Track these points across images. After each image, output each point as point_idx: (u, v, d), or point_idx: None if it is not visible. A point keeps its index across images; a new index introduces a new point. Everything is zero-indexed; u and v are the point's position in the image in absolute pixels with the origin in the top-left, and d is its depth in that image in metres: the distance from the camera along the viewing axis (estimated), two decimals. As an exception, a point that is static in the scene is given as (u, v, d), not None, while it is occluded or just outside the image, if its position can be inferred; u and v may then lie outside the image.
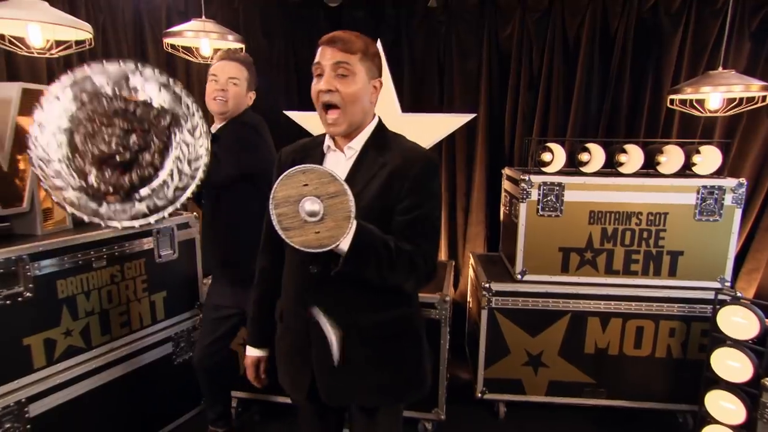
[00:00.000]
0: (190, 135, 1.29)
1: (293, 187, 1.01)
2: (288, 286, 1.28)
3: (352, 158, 1.21)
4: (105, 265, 1.92)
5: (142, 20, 2.94)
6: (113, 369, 1.97)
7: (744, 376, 1.94)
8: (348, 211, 1.00)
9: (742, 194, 2.19)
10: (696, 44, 2.73)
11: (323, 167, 1.02)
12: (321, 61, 1.13)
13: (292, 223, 1.01)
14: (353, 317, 1.20)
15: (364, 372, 1.23)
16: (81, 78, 1.28)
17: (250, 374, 1.41)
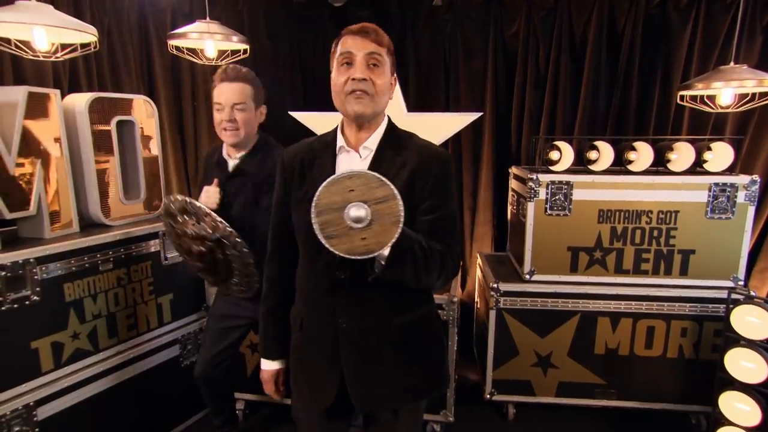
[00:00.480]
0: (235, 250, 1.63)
1: (338, 193, 0.98)
2: (309, 293, 1.24)
3: (367, 158, 1.18)
4: (112, 267, 1.92)
5: (147, 22, 2.94)
6: (121, 372, 1.98)
7: (759, 377, 1.91)
8: (397, 215, 0.97)
9: (755, 191, 2.15)
10: (706, 39, 2.69)
11: (370, 171, 0.99)
12: (353, 50, 1.11)
13: (336, 230, 0.98)
14: (382, 320, 1.19)
15: (394, 374, 1.22)
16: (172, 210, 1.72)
17: (270, 388, 1.37)
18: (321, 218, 0.98)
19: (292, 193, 1.23)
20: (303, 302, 1.27)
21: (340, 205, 0.97)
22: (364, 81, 1.11)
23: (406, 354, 1.22)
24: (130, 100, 2.11)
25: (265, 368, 1.36)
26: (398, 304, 1.20)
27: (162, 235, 2.11)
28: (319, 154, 1.22)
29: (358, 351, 1.18)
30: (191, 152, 3.17)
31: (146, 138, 2.19)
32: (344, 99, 1.13)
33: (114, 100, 2.02)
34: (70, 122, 1.90)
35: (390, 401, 1.25)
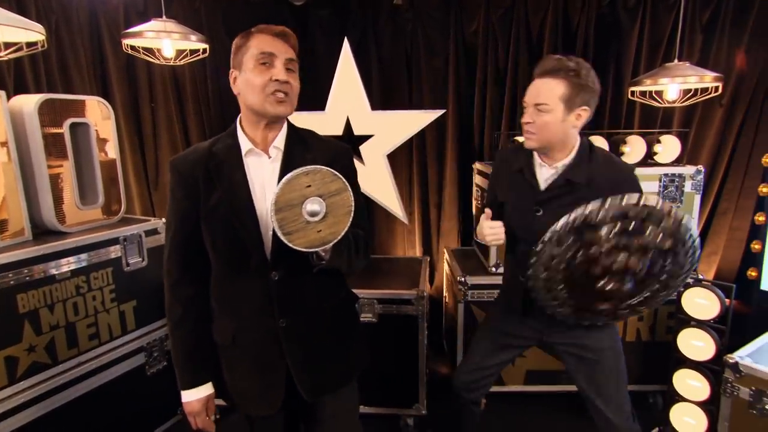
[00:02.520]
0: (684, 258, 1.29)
1: (296, 189, 1.02)
2: (237, 304, 1.22)
3: (277, 158, 1.20)
4: (69, 276, 1.85)
5: (98, 21, 2.83)
6: (82, 383, 1.90)
7: (707, 355, 2.03)
8: (349, 206, 1.05)
9: (701, 181, 2.29)
10: (652, 38, 2.83)
11: (325, 167, 1.04)
12: (274, 52, 1.13)
13: (294, 226, 1.02)
14: (316, 310, 1.24)
15: (334, 358, 1.29)
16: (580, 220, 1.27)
17: (202, 420, 1.26)
18: (279, 215, 1.01)
19: (201, 206, 1.17)
20: (229, 315, 1.23)
21: (298, 201, 1.01)
22: (286, 83, 1.14)
23: (338, 337, 1.31)
24: (83, 101, 2.02)
25: (194, 398, 1.24)
26: (326, 292, 1.27)
27: (123, 240, 2.04)
28: (224, 159, 1.18)
29: (300, 345, 1.22)
30: (150, 155, 3.08)
31: (102, 141, 2.11)
32: (264, 99, 1.13)
33: (66, 102, 1.94)
34: (18, 125, 1.81)
35: (335, 385, 1.31)
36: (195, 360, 1.25)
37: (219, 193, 1.16)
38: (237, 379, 1.27)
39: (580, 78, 1.37)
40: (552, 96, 1.38)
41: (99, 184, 2.08)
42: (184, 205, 1.19)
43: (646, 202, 1.24)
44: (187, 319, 1.23)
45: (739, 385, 1.70)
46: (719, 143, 2.91)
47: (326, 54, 2.87)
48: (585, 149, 1.47)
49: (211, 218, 1.17)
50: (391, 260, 2.87)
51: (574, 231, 1.27)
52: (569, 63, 1.37)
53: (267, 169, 1.19)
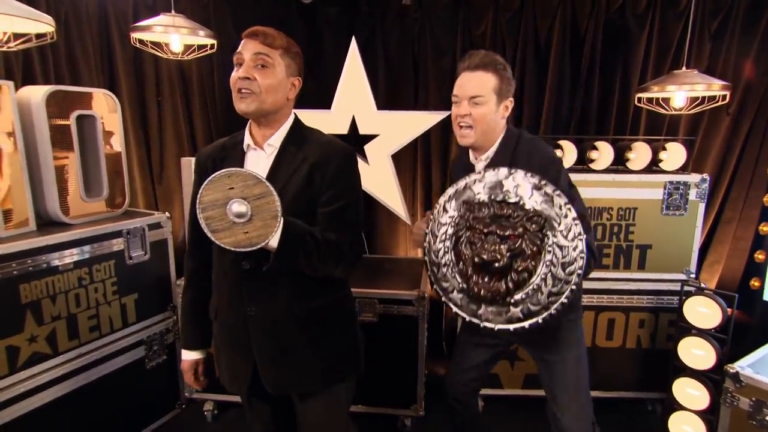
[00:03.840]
0: (563, 237, 1.20)
1: (219, 190, 1.05)
2: (221, 284, 1.31)
3: (272, 155, 1.25)
4: (72, 267, 1.85)
5: (107, 14, 2.84)
6: (83, 375, 1.91)
7: (708, 364, 2.03)
8: (275, 210, 1.05)
9: (705, 189, 2.28)
10: (661, 44, 2.82)
11: (247, 170, 1.07)
12: (242, 51, 1.19)
13: (220, 225, 1.06)
14: (289, 307, 1.25)
15: (304, 359, 1.28)
16: (462, 187, 1.29)
17: (189, 378, 1.43)
18: (205, 214, 1.06)
19: None
20: (217, 293, 1.34)
21: (223, 202, 1.04)
22: (248, 80, 1.16)
23: (315, 339, 1.29)
24: (90, 93, 2.03)
25: (185, 358, 1.42)
26: (304, 291, 1.26)
27: (126, 233, 2.04)
28: (229, 152, 1.29)
29: (266, 337, 1.26)
30: (155, 149, 3.08)
31: (108, 134, 2.12)
32: (235, 97, 1.19)
33: (73, 94, 1.94)
34: (26, 116, 1.82)
35: (299, 385, 1.31)
36: (189, 326, 1.42)
37: None
38: (219, 353, 1.39)
39: (506, 71, 1.45)
40: (486, 88, 1.42)
41: (104, 177, 2.08)
42: (195, 191, 1.26)
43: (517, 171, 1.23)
44: (188, 290, 1.41)
45: (739, 395, 1.69)
46: (725, 152, 2.90)
47: (333, 53, 2.88)
48: (511, 137, 1.49)
49: None
50: (393, 260, 2.87)
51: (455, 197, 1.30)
52: (497, 57, 1.45)
53: (262, 163, 1.25)
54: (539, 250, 1.21)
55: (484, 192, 1.27)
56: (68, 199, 1.95)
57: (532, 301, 1.23)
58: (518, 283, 1.23)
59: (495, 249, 1.21)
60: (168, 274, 2.27)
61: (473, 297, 1.27)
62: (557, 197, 1.20)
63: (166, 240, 2.24)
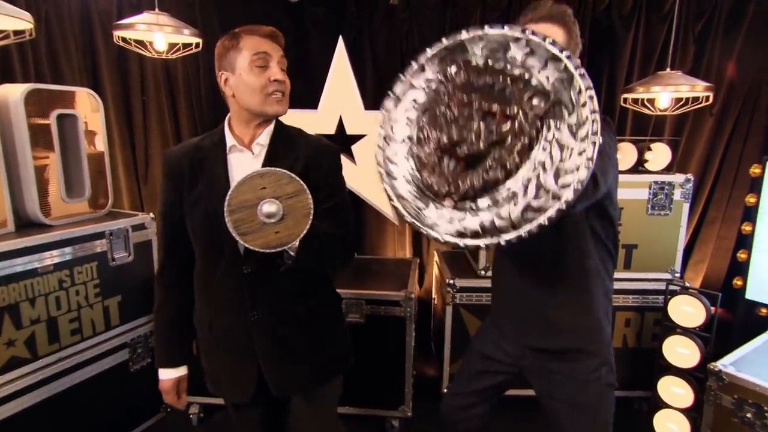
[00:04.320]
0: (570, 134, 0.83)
1: (251, 191, 1.02)
2: (214, 293, 1.26)
3: (260, 155, 1.22)
4: (52, 270, 1.82)
5: (90, 12, 2.79)
6: (63, 379, 1.87)
7: (692, 362, 2.05)
8: (308, 208, 1.03)
9: (690, 189, 2.31)
10: (646, 46, 2.85)
11: (280, 169, 1.03)
12: (270, 51, 1.16)
13: (249, 227, 1.02)
14: (292, 307, 1.25)
15: (307, 358, 1.29)
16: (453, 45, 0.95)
17: (171, 398, 1.36)
18: (234, 216, 1.01)
19: (184, 196, 1.23)
20: (207, 304, 1.29)
21: (253, 203, 1.01)
22: (283, 83, 1.18)
23: (315, 337, 1.31)
24: (72, 92, 1.99)
25: (166, 377, 1.34)
26: (303, 290, 1.26)
27: (109, 234, 2.01)
28: (208, 154, 1.23)
29: (271, 340, 1.24)
30: (141, 149, 3.04)
31: (91, 133, 2.08)
32: (264, 99, 1.17)
33: (54, 93, 1.91)
34: (3, 115, 1.78)
35: (305, 385, 1.32)
36: (171, 342, 1.34)
37: (201, 186, 1.21)
38: (213, 364, 1.33)
39: (576, 27, 1.24)
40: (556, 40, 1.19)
41: (86, 177, 2.05)
42: (171, 197, 1.25)
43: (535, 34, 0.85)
44: (168, 303, 1.32)
45: (722, 393, 1.71)
46: (709, 152, 2.94)
47: (320, 52, 2.86)
48: None
49: (192, 211, 1.22)
50: (380, 261, 2.86)
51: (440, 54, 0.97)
52: (568, 9, 1.21)
53: (249, 165, 1.22)
54: (530, 143, 0.86)
55: (481, 54, 0.93)
56: (49, 200, 1.91)
57: (500, 212, 0.87)
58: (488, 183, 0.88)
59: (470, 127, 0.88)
60: (152, 276, 2.23)
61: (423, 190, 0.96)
62: (580, 78, 0.83)
63: (150, 241, 2.20)
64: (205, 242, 1.23)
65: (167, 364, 1.34)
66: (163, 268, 1.33)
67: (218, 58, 1.20)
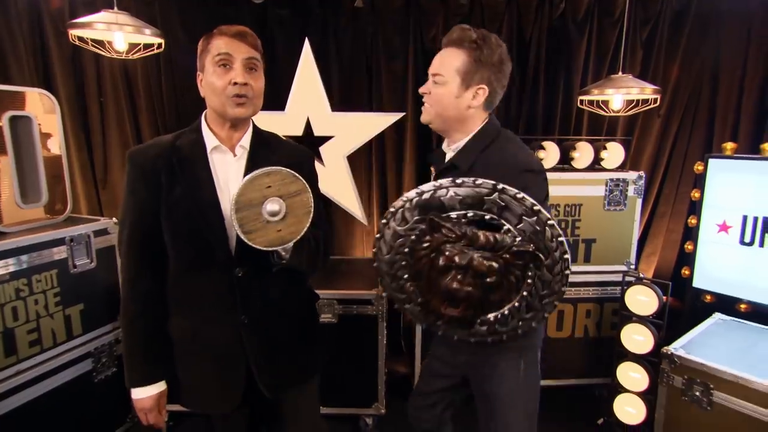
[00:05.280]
0: (548, 272, 1.05)
1: (257, 190, 1.04)
2: (199, 301, 1.22)
3: (242, 157, 1.22)
4: (8, 279, 1.73)
5: (39, 10, 2.67)
6: (22, 393, 1.79)
7: (647, 348, 2.18)
8: (309, 206, 1.08)
9: (642, 186, 2.45)
10: (599, 50, 3.00)
11: (285, 168, 1.06)
12: (232, 52, 1.13)
13: (254, 225, 1.04)
14: (281, 307, 1.26)
15: (295, 355, 1.32)
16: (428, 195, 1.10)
17: (154, 417, 1.25)
18: (240, 214, 1.03)
19: (162, 199, 1.16)
20: (189, 311, 1.23)
21: (259, 201, 1.04)
22: (246, 86, 1.14)
23: (299, 334, 1.33)
24: (23, 93, 1.91)
25: (145, 395, 1.22)
26: (288, 290, 1.28)
27: (70, 241, 1.93)
28: (187, 154, 1.18)
29: (261, 341, 1.24)
30: (98, 152, 2.93)
31: (46, 136, 2.00)
32: (225, 101, 1.15)
33: (5, 93, 1.82)
34: (-48, 117, 1.69)
35: (296, 381, 1.34)
36: (149, 357, 1.24)
37: (182, 188, 1.16)
38: (194, 377, 1.27)
39: (482, 52, 1.24)
40: (449, 67, 1.26)
41: (42, 182, 1.96)
42: (144, 199, 1.17)
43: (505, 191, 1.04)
44: (144, 315, 1.21)
45: (674, 374, 1.83)
46: (657, 151, 3.12)
47: (286, 54, 2.85)
48: (487, 135, 1.30)
49: (172, 213, 1.16)
50: (350, 261, 2.88)
51: (421, 208, 1.11)
52: (473, 34, 1.25)
53: (232, 167, 1.21)
54: (518, 284, 1.08)
55: (459, 206, 1.08)
56: (1, 206, 1.83)
57: (501, 323, 1.14)
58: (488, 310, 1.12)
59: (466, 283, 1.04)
60: (116, 282, 2.16)
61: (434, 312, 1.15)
62: (549, 228, 1.04)
63: (113, 247, 2.13)
64: (188, 247, 1.18)
65: (144, 381, 1.22)
66: (135, 278, 1.20)
67: (198, 58, 1.20)
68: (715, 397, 1.72)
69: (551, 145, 2.51)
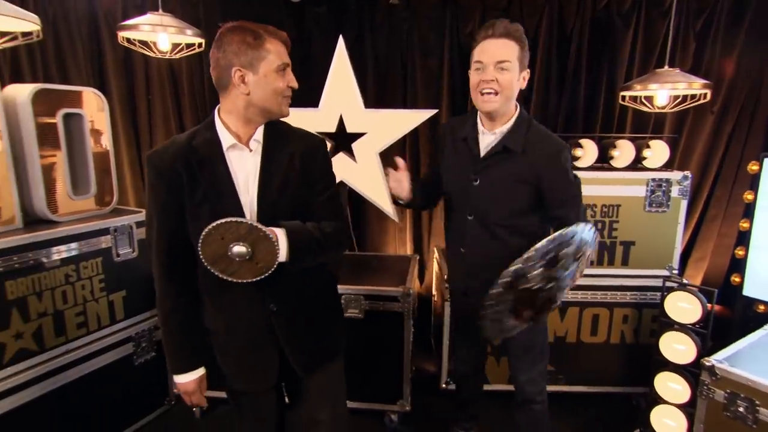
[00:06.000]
0: None
1: (214, 243, 1.11)
2: (230, 292, 1.25)
3: (257, 151, 1.25)
4: (59, 265, 1.87)
5: (96, 13, 2.85)
6: (69, 371, 1.93)
7: (689, 358, 2.06)
8: (268, 236, 1.12)
9: (687, 186, 2.31)
10: (646, 43, 2.85)
11: (227, 219, 1.10)
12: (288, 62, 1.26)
13: (233, 268, 1.13)
14: (303, 294, 1.33)
15: (322, 333, 1.40)
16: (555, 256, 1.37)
17: (197, 398, 1.35)
18: (216, 266, 1.13)
19: (186, 200, 1.20)
20: (222, 305, 1.29)
21: (224, 251, 1.11)
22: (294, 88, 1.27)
23: (324, 314, 1.42)
24: (78, 92, 2.04)
25: (188, 380, 1.31)
26: (312, 275, 1.34)
27: (114, 230, 2.06)
28: (205, 154, 1.20)
29: (291, 326, 1.31)
30: (146, 147, 3.10)
31: (96, 132, 2.13)
32: (281, 101, 1.24)
33: (61, 92, 1.96)
34: (11, 114, 1.83)
35: (324, 360, 1.42)
36: (186, 348, 1.31)
37: (203, 188, 1.19)
38: (230, 363, 1.37)
39: (526, 42, 1.48)
40: (513, 55, 1.44)
41: (91, 175, 2.10)
42: (167, 200, 1.21)
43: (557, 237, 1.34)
44: (178, 310, 1.28)
45: (715, 387, 1.72)
46: (709, 150, 2.93)
47: (321, 51, 2.89)
48: (524, 118, 1.53)
49: (196, 214, 1.19)
50: (380, 257, 2.89)
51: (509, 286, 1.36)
52: (519, 27, 1.47)
53: (249, 162, 1.24)
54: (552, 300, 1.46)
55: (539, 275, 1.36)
56: (56, 197, 1.97)
57: None
58: None
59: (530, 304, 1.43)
60: (156, 272, 2.28)
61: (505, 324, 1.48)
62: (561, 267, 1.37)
63: (154, 237, 2.25)
64: None
65: (186, 368, 1.30)
66: (166, 276, 1.26)
67: (235, 53, 1.15)
68: (762, 414, 1.60)
69: (589, 143, 2.41)
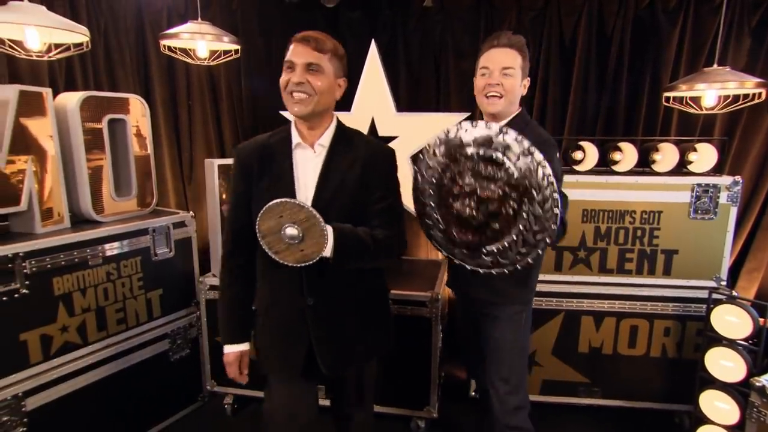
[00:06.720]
0: (539, 208, 1.26)
1: (272, 219, 1.19)
2: (274, 278, 1.37)
3: (321, 155, 1.32)
4: (101, 263, 1.97)
5: (143, 23, 2.99)
6: (109, 365, 2.02)
7: (738, 376, 1.92)
8: (322, 229, 1.19)
9: (738, 192, 2.17)
10: (694, 41, 2.70)
11: (292, 200, 1.19)
12: (293, 58, 1.26)
13: (280, 247, 1.21)
14: (345, 294, 1.36)
15: (354, 339, 1.40)
16: (453, 135, 1.36)
17: (234, 371, 1.45)
18: (265, 240, 1.22)
19: (253, 188, 1.34)
20: (268, 289, 1.40)
21: (278, 228, 1.20)
22: (301, 84, 1.25)
23: (364, 319, 1.42)
24: (123, 99, 2.15)
25: (230, 351, 1.43)
26: (354, 280, 1.38)
27: (152, 231, 2.15)
28: (276, 149, 1.34)
29: (323, 324, 1.34)
30: (186, 151, 3.22)
31: (139, 136, 2.24)
32: (286, 99, 1.28)
33: (106, 99, 2.07)
34: (62, 121, 1.94)
35: (353, 363, 1.45)
36: (234, 321, 1.45)
37: (268, 179, 1.32)
38: (265, 343, 1.44)
39: (527, 53, 1.60)
40: (516, 63, 1.56)
41: (133, 177, 2.20)
42: (240, 188, 1.36)
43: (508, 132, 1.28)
44: (233, 285, 1.42)
45: (766, 410, 1.60)
46: (765, 153, 2.74)
47: (355, 55, 2.89)
48: (523, 117, 1.63)
49: (260, 200, 1.28)
50: (411, 262, 2.88)
51: (446, 145, 1.37)
52: (522, 39, 1.59)
53: (311, 162, 1.32)
54: (515, 216, 1.30)
55: (473, 145, 1.32)
56: (102, 199, 2.08)
57: (502, 256, 1.36)
58: (491, 239, 1.35)
59: (473, 207, 1.33)
60: (192, 271, 2.37)
61: (450, 240, 1.41)
62: (541, 168, 1.24)
63: (190, 238, 2.33)
64: None
65: (230, 339, 1.43)
66: (230, 253, 1.41)
67: None
68: (818, 440, 1.47)
69: (628, 146, 2.30)
